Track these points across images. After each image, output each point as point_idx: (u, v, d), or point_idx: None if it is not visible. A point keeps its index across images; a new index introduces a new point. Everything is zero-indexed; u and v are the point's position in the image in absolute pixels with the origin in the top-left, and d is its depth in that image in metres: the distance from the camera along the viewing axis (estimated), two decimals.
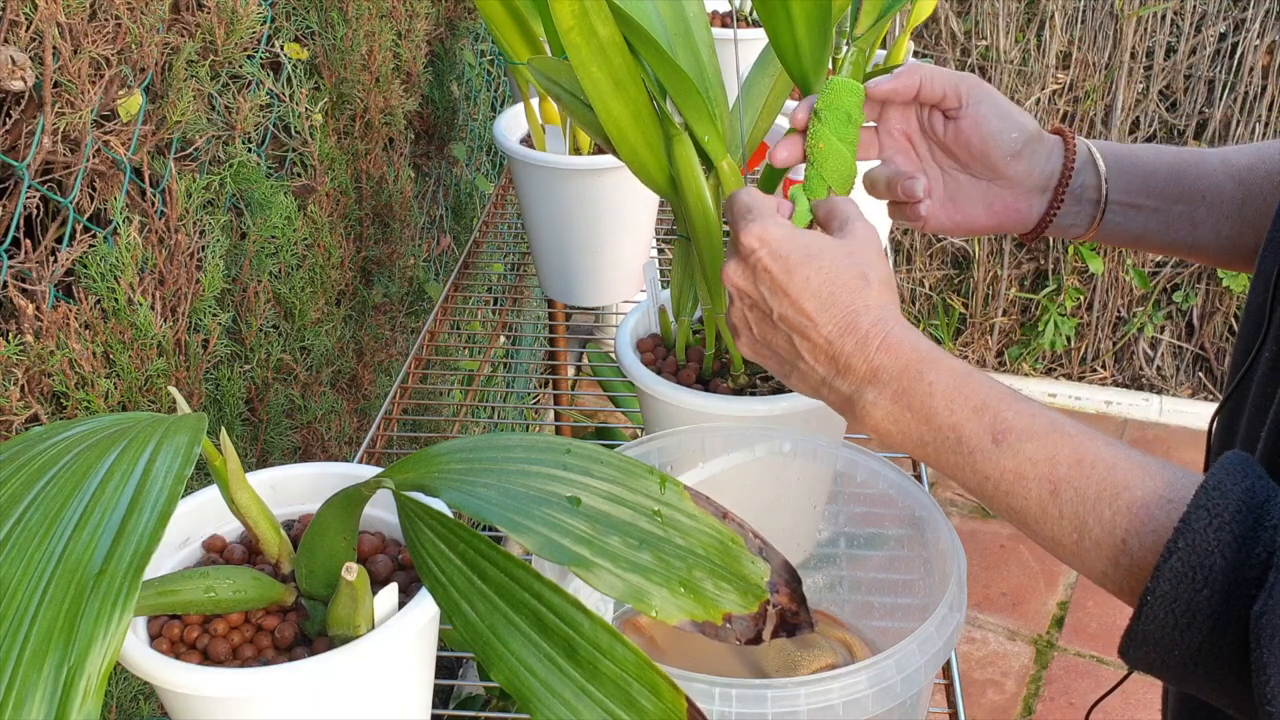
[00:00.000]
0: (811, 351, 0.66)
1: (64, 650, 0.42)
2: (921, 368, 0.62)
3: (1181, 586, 0.53)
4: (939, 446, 0.62)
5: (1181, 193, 0.82)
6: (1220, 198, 0.81)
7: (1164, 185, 0.82)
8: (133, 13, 0.92)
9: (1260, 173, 0.81)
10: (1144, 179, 0.82)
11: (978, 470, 0.60)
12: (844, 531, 0.88)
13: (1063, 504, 0.57)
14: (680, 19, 0.82)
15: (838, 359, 0.64)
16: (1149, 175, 0.82)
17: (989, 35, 2.72)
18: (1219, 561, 0.52)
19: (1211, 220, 0.82)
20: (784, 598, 0.57)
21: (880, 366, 0.63)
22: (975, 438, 0.60)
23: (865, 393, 0.64)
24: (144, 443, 0.51)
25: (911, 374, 0.62)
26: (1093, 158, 0.81)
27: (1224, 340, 2.79)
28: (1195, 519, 0.53)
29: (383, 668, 0.62)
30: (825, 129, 0.76)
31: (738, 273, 0.68)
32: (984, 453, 0.60)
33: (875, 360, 0.63)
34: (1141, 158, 0.82)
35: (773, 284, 0.66)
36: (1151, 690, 2.13)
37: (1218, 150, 0.83)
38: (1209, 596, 0.52)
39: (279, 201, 1.16)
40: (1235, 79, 2.58)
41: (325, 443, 1.33)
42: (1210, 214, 0.82)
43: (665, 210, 1.51)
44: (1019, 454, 0.59)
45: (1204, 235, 0.83)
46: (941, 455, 0.62)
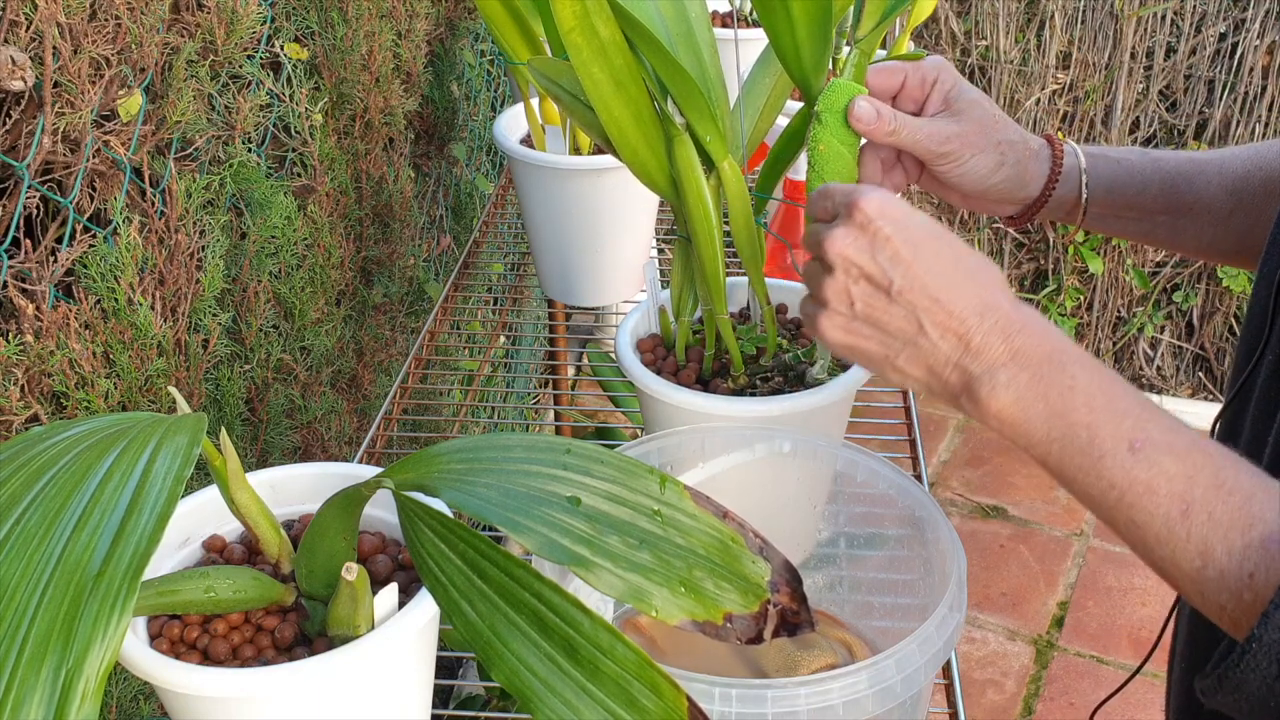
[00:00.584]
0: (939, 327, 0.61)
1: (62, 652, 0.42)
2: (1065, 360, 0.59)
3: None
4: (1065, 444, 0.58)
5: (1169, 206, 0.82)
6: (1209, 209, 0.82)
7: (1153, 200, 0.83)
8: (133, 13, 0.92)
9: (1255, 181, 0.81)
10: (1134, 195, 0.83)
11: (1103, 476, 0.57)
12: (844, 531, 0.88)
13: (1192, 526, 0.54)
14: (682, 19, 0.82)
15: (970, 338, 0.60)
16: (1139, 192, 0.82)
17: (989, 35, 2.72)
18: None
19: (1195, 228, 0.83)
20: (785, 597, 0.57)
21: (1021, 350, 0.59)
22: (1110, 441, 0.56)
23: (998, 375, 0.59)
24: (144, 443, 0.51)
25: (1054, 364, 0.59)
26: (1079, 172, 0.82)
27: (1224, 340, 2.79)
28: None
29: (383, 668, 0.62)
30: (826, 131, 0.76)
31: (849, 241, 0.63)
32: (1116, 458, 0.56)
33: (1017, 343, 0.60)
34: (1135, 176, 0.82)
35: (896, 255, 0.62)
36: (1152, 691, 2.13)
37: (1216, 156, 0.82)
38: None
39: (279, 201, 1.16)
40: (1235, 79, 2.58)
41: (325, 443, 1.33)
42: (1195, 223, 0.83)
43: (665, 210, 1.51)
44: (1154, 466, 0.55)
45: (1185, 240, 0.84)
46: (1066, 454, 0.58)
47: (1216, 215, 0.81)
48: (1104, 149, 0.84)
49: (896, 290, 0.62)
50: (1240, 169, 0.81)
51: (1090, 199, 0.82)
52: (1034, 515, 2.49)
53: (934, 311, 0.61)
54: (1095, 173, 0.82)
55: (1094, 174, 0.81)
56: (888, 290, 0.62)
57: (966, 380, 0.61)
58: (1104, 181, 0.82)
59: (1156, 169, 0.82)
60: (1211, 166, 0.82)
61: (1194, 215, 0.82)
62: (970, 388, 0.61)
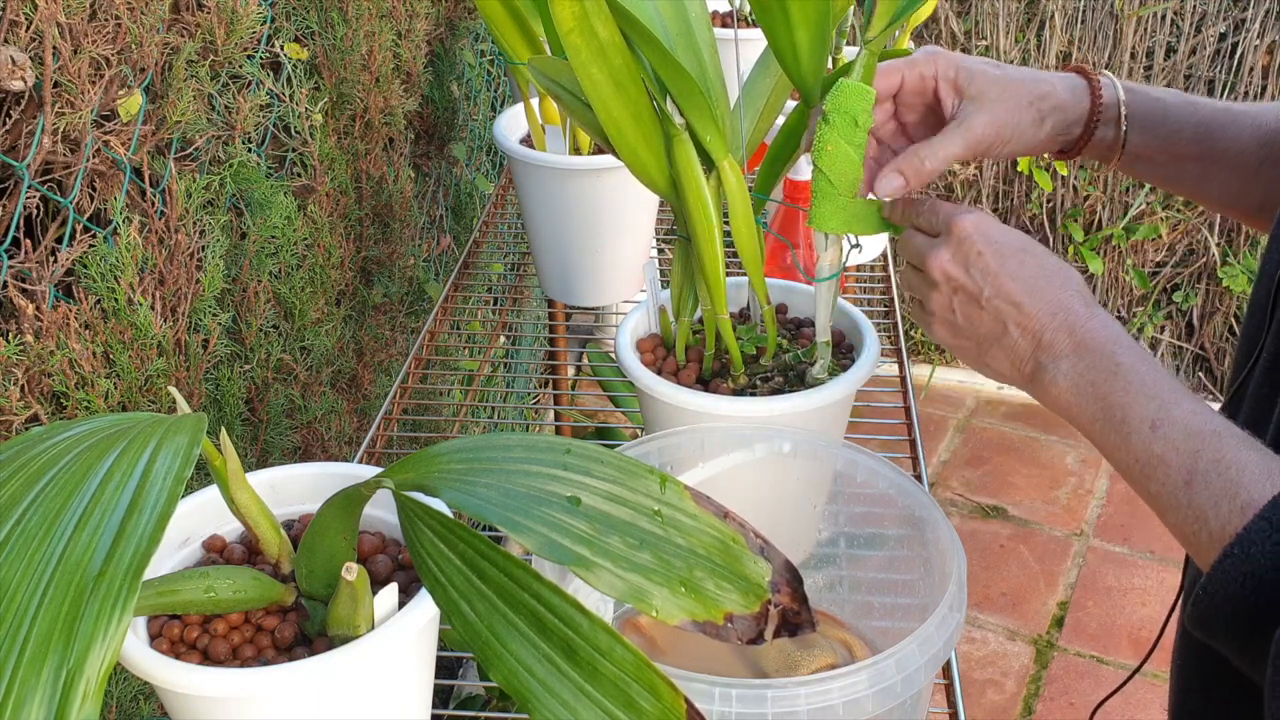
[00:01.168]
0: (1019, 328, 0.70)
1: (63, 652, 0.42)
2: (1115, 349, 0.67)
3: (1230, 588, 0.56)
4: (1104, 422, 0.65)
5: (1201, 153, 0.83)
6: (1240, 159, 0.82)
7: (1186, 146, 0.83)
8: (133, 13, 0.92)
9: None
10: (1167, 138, 0.83)
11: (1130, 450, 0.64)
12: (844, 531, 0.88)
13: (1193, 495, 0.60)
14: (682, 19, 0.82)
15: (1042, 335, 0.69)
16: (1173, 134, 0.83)
17: (989, 35, 2.72)
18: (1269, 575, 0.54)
19: (1222, 177, 0.83)
20: (785, 597, 0.57)
21: (1082, 342, 0.68)
22: (1137, 420, 0.64)
23: (1061, 364, 0.68)
24: (144, 443, 0.51)
25: (1106, 353, 0.67)
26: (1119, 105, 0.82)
27: (1224, 340, 2.79)
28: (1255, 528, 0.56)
29: (383, 668, 0.62)
30: (833, 132, 0.76)
31: (950, 260, 0.72)
32: (1140, 435, 0.63)
33: (1079, 336, 0.68)
34: (1171, 116, 0.83)
35: (985, 268, 0.71)
36: (1152, 691, 2.13)
37: (1252, 108, 0.83)
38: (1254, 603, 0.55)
39: (279, 201, 1.16)
40: (1235, 79, 2.58)
41: (325, 443, 1.33)
42: (1223, 172, 0.83)
43: (665, 210, 1.51)
44: (1168, 442, 0.62)
45: (1211, 189, 0.85)
46: (1105, 431, 0.65)
47: (1246, 166, 0.82)
48: (1143, 86, 0.84)
49: (986, 299, 0.71)
50: (1274, 122, 0.82)
51: (1129, 134, 0.83)
52: (1034, 515, 2.49)
53: (1015, 314, 0.70)
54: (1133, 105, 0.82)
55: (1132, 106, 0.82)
56: (979, 299, 0.71)
57: (1034, 369, 0.70)
58: (1140, 115, 0.82)
59: (1193, 112, 0.83)
60: (1246, 117, 0.83)
61: (1224, 164, 0.83)
62: (1038, 376, 0.69)
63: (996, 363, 0.72)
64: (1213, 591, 0.56)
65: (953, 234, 0.72)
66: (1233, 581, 0.55)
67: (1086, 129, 0.82)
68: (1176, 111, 0.83)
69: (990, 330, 0.71)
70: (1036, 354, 0.69)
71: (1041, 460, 2.64)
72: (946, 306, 0.73)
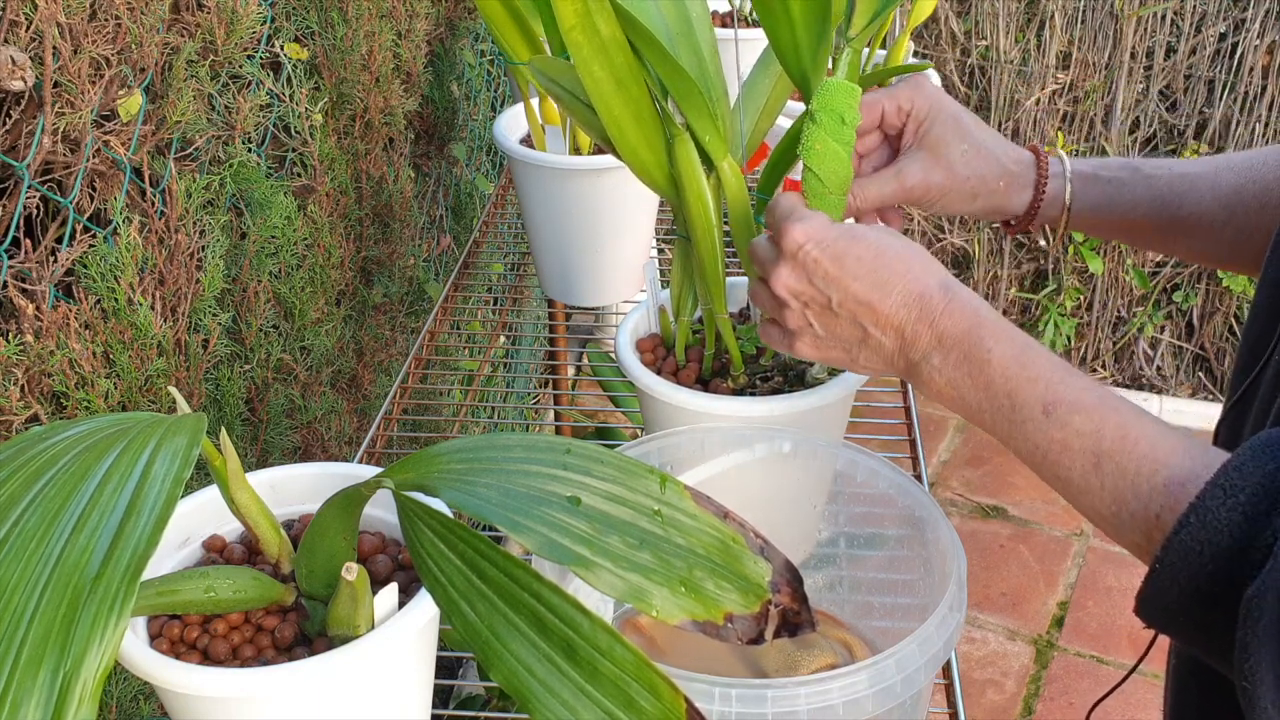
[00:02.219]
0: (878, 326, 0.68)
1: (60, 654, 0.41)
2: (982, 333, 0.65)
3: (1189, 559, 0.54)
4: (994, 413, 0.64)
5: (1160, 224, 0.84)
6: (1201, 224, 0.82)
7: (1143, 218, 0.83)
8: (133, 13, 0.92)
9: (1248, 194, 0.81)
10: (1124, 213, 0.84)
11: (1028, 439, 0.62)
12: (844, 531, 0.88)
13: (1104, 476, 0.59)
14: (683, 18, 0.82)
15: (904, 329, 0.67)
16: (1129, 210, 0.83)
17: (989, 35, 2.72)
18: (1226, 540, 0.53)
19: (1185, 240, 0.84)
20: (786, 597, 0.57)
21: (944, 332, 0.66)
22: (1027, 407, 0.62)
23: (931, 358, 0.66)
24: (143, 443, 0.51)
25: (973, 339, 0.65)
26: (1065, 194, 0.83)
27: (1224, 340, 2.79)
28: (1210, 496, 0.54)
29: (383, 668, 0.62)
30: (820, 131, 0.76)
31: (790, 276, 0.70)
32: (1034, 422, 0.62)
33: (939, 326, 0.66)
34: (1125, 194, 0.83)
35: (826, 274, 0.69)
36: (1151, 690, 2.13)
37: (1209, 170, 0.83)
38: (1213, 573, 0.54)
39: (279, 201, 1.16)
40: (1235, 79, 2.58)
41: (325, 443, 1.33)
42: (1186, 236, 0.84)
43: (665, 210, 1.51)
44: (1066, 425, 0.61)
45: (1177, 248, 0.85)
46: (996, 421, 0.64)
47: (1209, 228, 0.82)
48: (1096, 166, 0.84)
49: (836, 304, 0.69)
50: (1233, 182, 0.82)
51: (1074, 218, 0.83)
52: (1034, 515, 2.49)
53: (868, 314, 0.68)
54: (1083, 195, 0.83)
55: (1081, 196, 0.83)
56: (829, 306, 0.70)
57: (910, 367, 0.68)
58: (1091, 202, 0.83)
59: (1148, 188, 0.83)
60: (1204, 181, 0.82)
61: (1186, 229, 0.83)
62: (914, 372, 0.68)
63: (871, 363, 0.71)
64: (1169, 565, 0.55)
65: (785, 249, 0.70)
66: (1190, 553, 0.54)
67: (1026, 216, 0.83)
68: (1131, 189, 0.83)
69: (851, 334, 0.70)
70: (904, 350, 0.68)
71: None
72: (803, 322, 0.71)
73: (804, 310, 0.71)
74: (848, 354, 0.71)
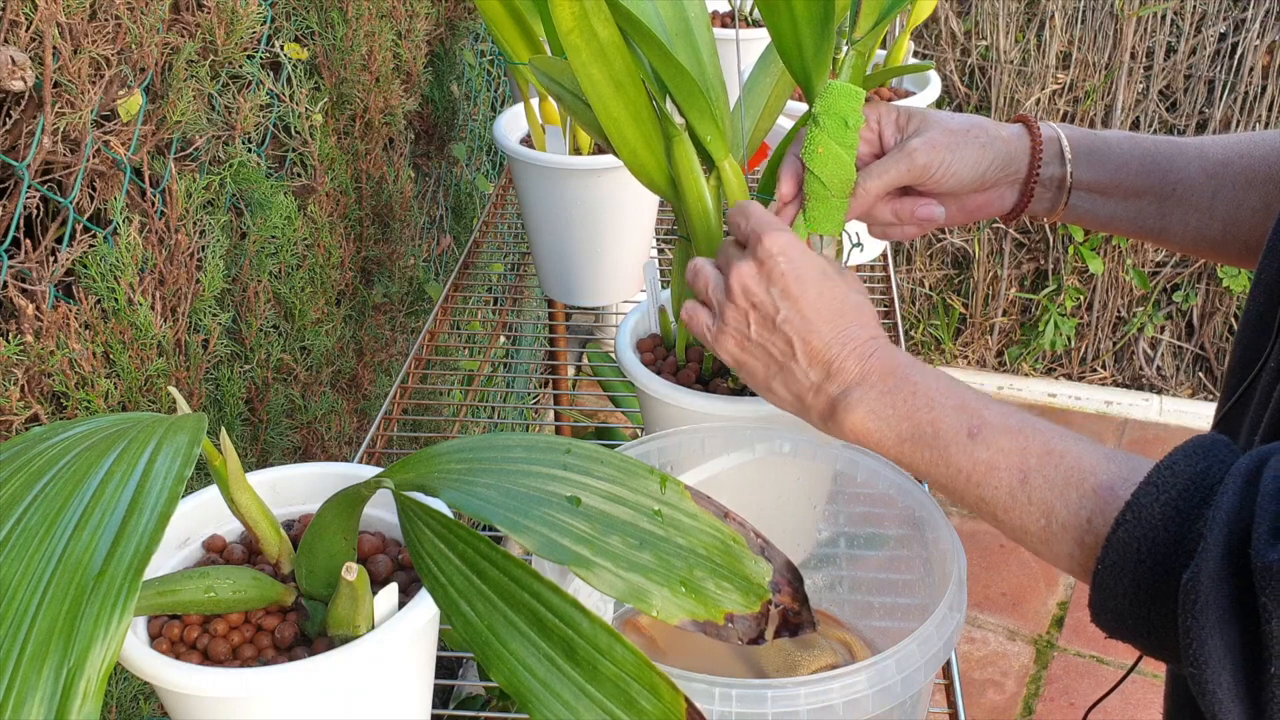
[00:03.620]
0: (808, 354, 0.69)
1: (64, 651, 0.42)
2: (908, 371, 0.67)
3: (1128, 558, 0.55)
4: (916, 441, 0.65)
5: (1151, 185, 0.83)
6: (1191, 191, 0.82)
7: (1134, 178, 0.83)
8: (133, 13, 0.92)
9: (1235, 168, 0.82)
10: (1114, 170, 0.83)
11: (951, 463, 0.63)
12: (844, 531, 0.88)
13: (1031, 490, 0.60)
14: (681, 18, 0.82)
15: (831, 364, 0.68)
16: (1120, 168, 0.83)
17: (989, 35, 2.72)
18: (1162, 535, 0.54)
19: (1179, 212, 0.83)
20: (786, 597, 0.57)
21: (871, 370, 0.68)
22: (952, 432, 0.63)
23: (852, 392, 0.67)
24: (144, 443, 0.51)
25: (899, 375, 0.67)
26: (1060, 149, 0.82)
27: (1224, 340, 2.79)
28: (1144, 494, 0.56)
29: (383, 668, 0.62)
30: (823, 134, 0.76)
31: (750, 273, 0.71)
32: (959, 445, 0.63)
33: (868, 365, 0.68)
34: (1114, 150, 0.83)
35: (785, 291, 0.70)
36: (1151, 690, 2.13)
37: (1195, 141, 0.83)
38: (1152, 568, 0.55)
39: (279, 201, 1.16)
40: (1235, 79, 2.58)
41: (325, 443, 1.33)
42: (1179, 207, 0.83)
43: (665, 210, 1.51)
44: (992, 446, 0.62)
45: (1171, 225, 0.84)
46: (917, 450, 0.65)
47: (1200, 198, 0.82)
48: (1080, 128, 0.84)
49: (781, 320, 0.70)
50: (1220, 155, 0.82)
51: (1074, 174, 0.82)
52: None
53: (806, 342, 0.69)
54: (1076, 145, 0.82)
55: (1075, 146, 0.82)
56: (773, 320, 0.70)
57: (826, 401, 0.69)
58: (1084, 153, 0.82)
59: (1135, 146, 0.83)
60: (1191, 149, 0.83)
61: (1176, 199, 0.83)
62: (831, 407, 0.68)
63: (781, 389, 0.71)
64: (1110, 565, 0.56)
65: (758, 251, 0.71)
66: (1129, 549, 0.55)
67: (1031, 167, 0.82)
68: (1119, 146, 0.83)
69: (780, 353, 0.70)
70: (825, 384, 0.68)
71: None
72: (740, 321, 0.72)
73: (748, 311, 0.71)
74: (764, 369, 0.72)
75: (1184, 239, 0.85)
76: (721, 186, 0.83)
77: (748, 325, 0.72)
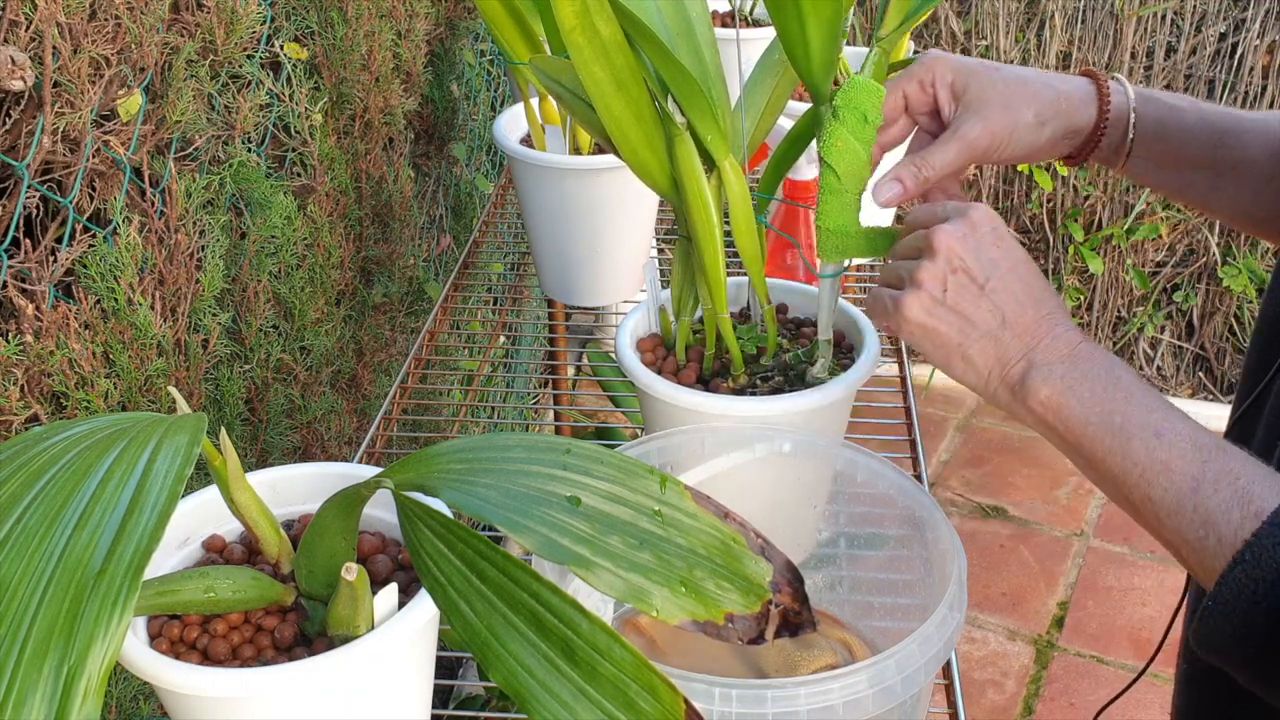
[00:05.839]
0: (1017, 327, 0.68)
1: (64, 650, 0.41)
2: (1114, 366, 0.67)
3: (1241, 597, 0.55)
4: (1102, 426, 0.64)
5: (1211, 161, 0.82)
6: (1250, 170, 0.81)
7: (1197, 153, 0.82)
8: (133, 13, 0.92)
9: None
10: (1179, 145, 0.82)
11: (1129, 455, 0.63)
12: (844, 531, 0.88)
13: (1199, 500, 0.60)
14: (682, 18, 0.82)
15: (1041, 339, 0.68)
16: (1185, 144, 0.82)
17: (989, 35, 2.72)
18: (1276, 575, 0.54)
19: (1231, 188, 0.83)
20: (786, 597, 0.57)
21: (1080, 353, 0.67)
22: (1139, 426, 0.63)
23: (1056, 367, 0.67)
24: (144, 443, 0.51)
25: (1105, 365, 0.67)
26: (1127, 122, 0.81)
27: (1224, 340, 2.79)
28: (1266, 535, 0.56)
29: (382, 668, 0.62)
30: (842, 128, 0.76)
31: (957, 236, 0.70)
32: (1143, 440, 0.63)
33: (1080, 349, 0.68)
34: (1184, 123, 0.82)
35: (994, 259, 0.69)
36: (1153, 691, 2.13)
37: (1261, 116, 0.82)
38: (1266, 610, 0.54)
39: (279, 201, 1.16)
40: (1235, 79, 2.58)
41: (325, 443, 1.33)
42: (1232, 182, 0.82)
43: (665, 210, 1.51)
44: (1174, 449, 0.62)
45: (1219, 199, 0.84)
46: (1100, 436, 0.64)
47: (1257, 176, 0.81)
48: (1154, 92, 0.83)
49: (991, 288, 0.69)
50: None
51: (1137, 141, 0.81)
52: (1034, 515, 2.49)
53: (1017, 313, 0.69)
54: (1144, 114, 0.81)
55: (1143, 115, 0.81)
56: (982, 285, 0.69)
57: (1024, 371, 0.68)
58: (1151, 125, 0.81)
59: (1202, 121, 0.82)
60: (1256, 125, 0.82)
61: (1234, 174, 0.82)
62: (1026, 377, 0.67)
63: (979, 355, 0.69)
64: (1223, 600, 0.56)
65: (969, 217, 0.70)
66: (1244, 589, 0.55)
67: (1093, 136, 0.81)
68: (1190, 119, 0.82)
69: (985, 320, 0.69)
70: (1030, 354, 0.68)
71: (1042, 460, 2.64)
72: (939, 281, 0.69)
73: (949, 274, 0.69)
74: (960, 335, 0.70)
75: (1231, 211, 0.85)
76: (722, 186, 0.83)
77: (943, 289, 0.70)
